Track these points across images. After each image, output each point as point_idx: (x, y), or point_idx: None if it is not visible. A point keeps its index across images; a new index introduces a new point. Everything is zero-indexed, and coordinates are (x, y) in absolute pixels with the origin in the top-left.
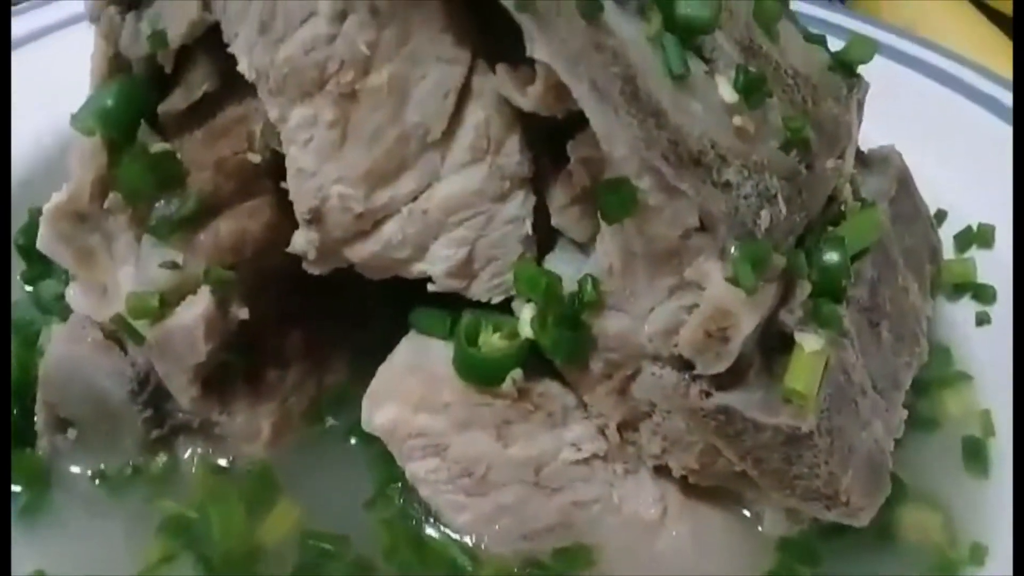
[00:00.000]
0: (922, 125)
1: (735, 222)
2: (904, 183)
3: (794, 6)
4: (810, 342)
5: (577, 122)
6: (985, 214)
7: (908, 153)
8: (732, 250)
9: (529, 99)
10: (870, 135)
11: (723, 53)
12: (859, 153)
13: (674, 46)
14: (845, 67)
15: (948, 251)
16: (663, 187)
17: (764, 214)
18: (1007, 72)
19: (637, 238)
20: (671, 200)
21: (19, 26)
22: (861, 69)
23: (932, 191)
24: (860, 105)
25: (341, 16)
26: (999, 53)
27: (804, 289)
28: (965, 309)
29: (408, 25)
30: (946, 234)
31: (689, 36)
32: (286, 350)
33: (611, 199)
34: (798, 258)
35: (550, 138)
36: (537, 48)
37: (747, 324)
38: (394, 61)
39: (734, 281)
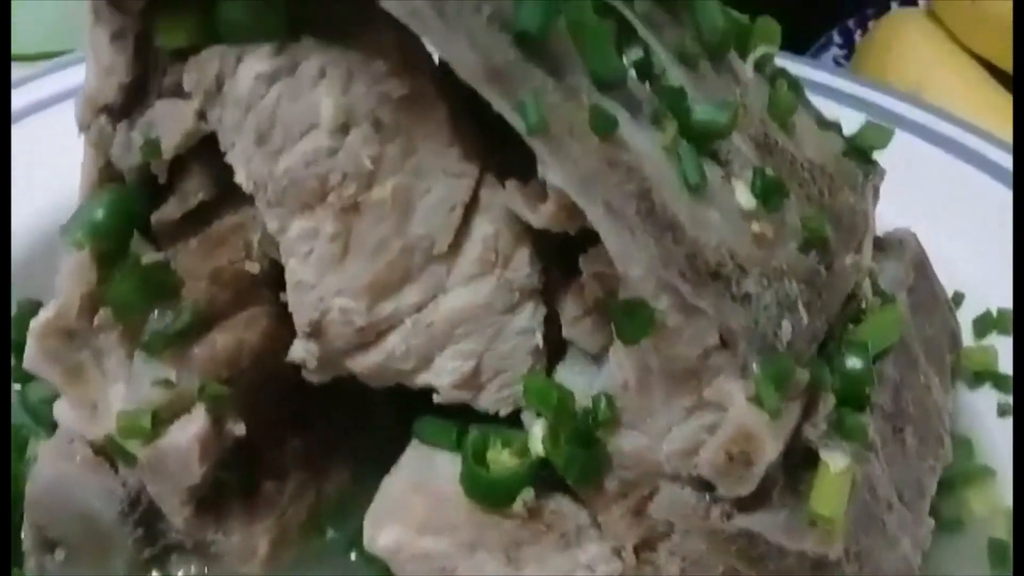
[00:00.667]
0: (934, 198)
1: (756, 336)
2: (921, 268)
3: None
4: (836, 460)
5: (589, 234)
6: (1004, 295)
7: (920, 228)
8: (754, 367)
9: (540, 217)
10: (880, 209)
11: (738, 154)
12: (874, 238)
13: (690, 155)
14: (860, 153)
15: (967, 335)
16: (681, 307)
17: (785, 324)
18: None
19: (654, 356)
20: (690, 320)
21: (20, 98)
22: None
23: (947, 270)
24: (876, 191)
25: (343, 129)
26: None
27: (828, 402)
28: (986, 398)
29: (413, 139)
30: (964, 318)
31: (705, 142)
32: (284, 459)
33: (627, 321)
34: (822, 370)
35: (561, 247)
36: (550, 172)
37: (772, 449)
38: (398, 174)
39: (757, 402)
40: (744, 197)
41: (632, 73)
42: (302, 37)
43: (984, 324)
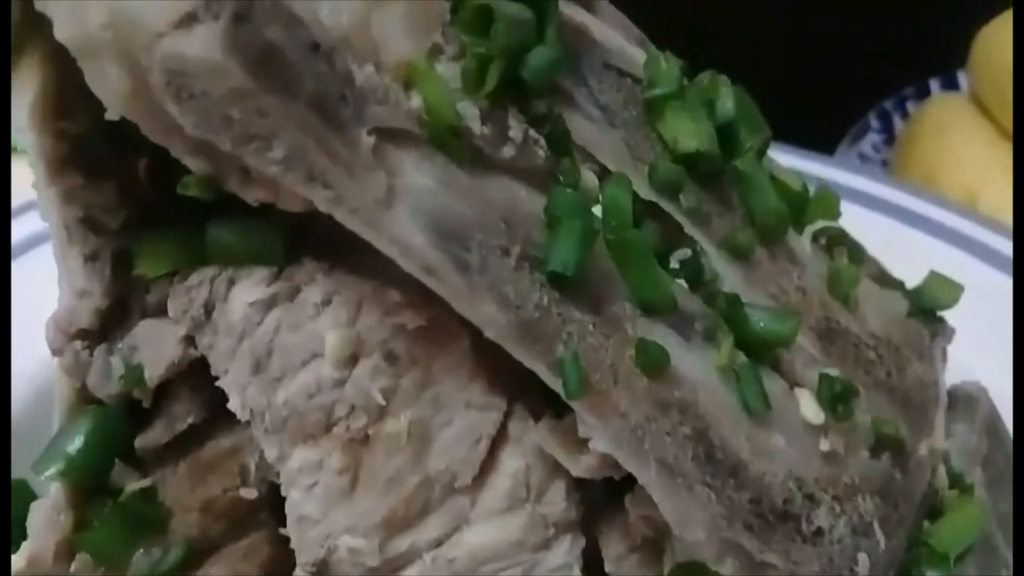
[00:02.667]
0: (993, 327)
1: None
2: (994, 432)
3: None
4: None
5: None
6: None
7: (981, 362)
8: None
9: (580, 468)
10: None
11: (800, 351)
12: None
13: (750, 375)
14: (926, 312)
15: None
16: (749, 565)
17: (862, 558)
18: None
19: None
20: None
21: (20, 229)
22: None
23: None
24: (944, 353)
25: (351, 361)
26: None
27: None
28: None
29: (431, 371)
30: None
31: (765, 354)
32: None
33: None
34: None
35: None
36: (595, 435)
37: None
38: (415, 407)
39: None
40: (811, 410)
41: (682, 283)
42: (303, 259)
43: None
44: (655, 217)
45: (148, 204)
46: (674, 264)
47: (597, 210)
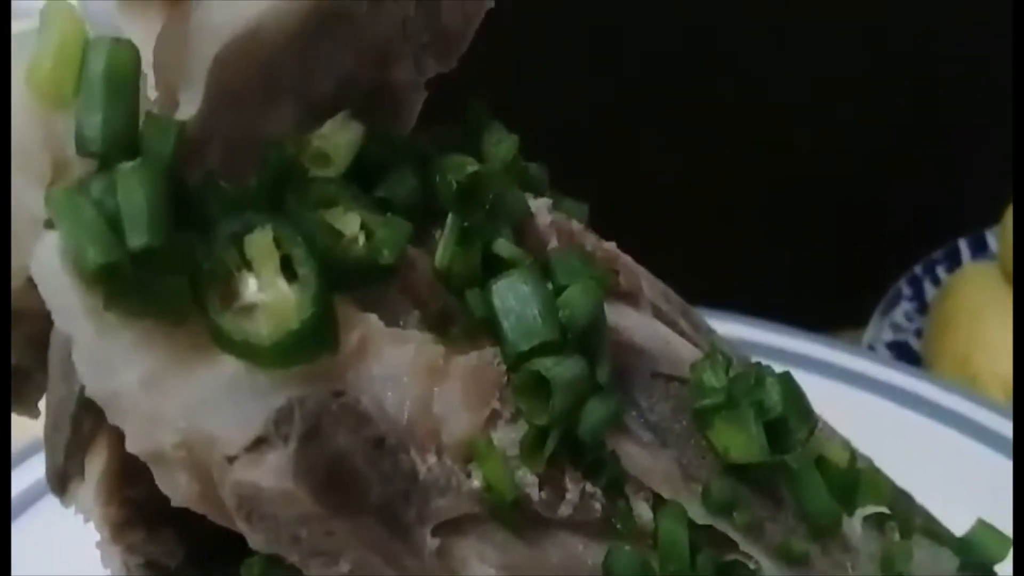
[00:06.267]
0: None
1: None
2: None
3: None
4: None
5: None
6: None
7: None
8: None
9: None
10: None
11: None
12: None
13: None
14: (975, 567)
15: None
16: None
17: None
18: None
19: None
20: None
21: (21, 479)
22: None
23: None
24: None
25: None
26: None
27: None
28: None
29: None
30: None
31: None
32: None
33: None
34: None
35: None
36: None
37: None
38: None
39: None
40: None
41: None
42: None
43: None
44: (711, 540)
45: (205, 540)
46: None
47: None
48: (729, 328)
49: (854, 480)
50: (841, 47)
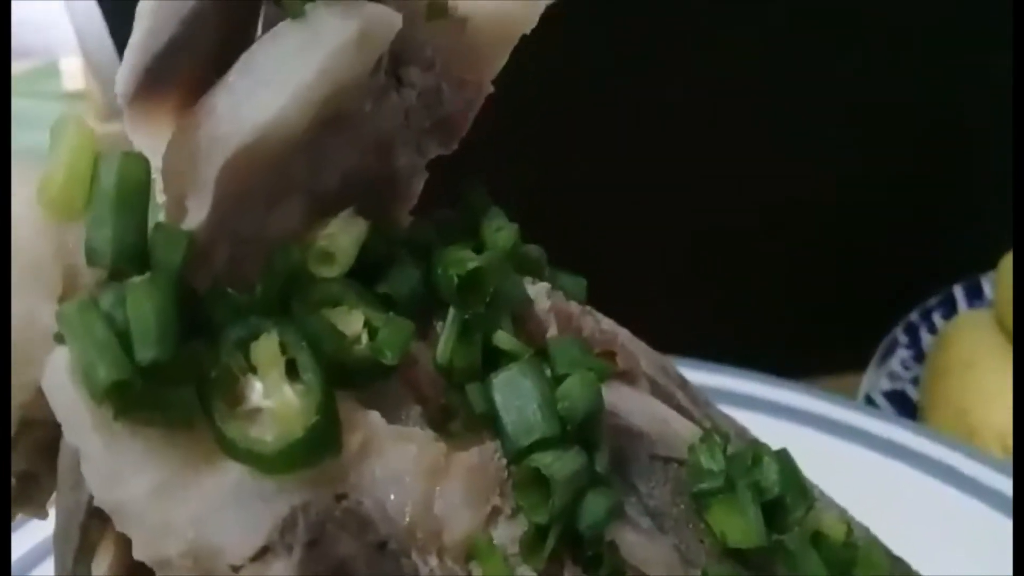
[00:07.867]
0: None
1: None
2: None
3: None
4: None
5: None
6: None
7: None
8: None
9: None
10: None
11: None
12: None
13: None
14: None
15: None
16: None
17: None
18: None
19: None
20: None
21: (20, 541)
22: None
23: None
24: None
25: None
26: None
27: None
28: None
29: None
30: None
31: None
32: None
33: None
34: None
35: None
36: None
37: None
38: None
39: None
40: None
41: None
42: None
43: None
44: None
45: None
46: None
47: None
48: (723, 381)
49: (851, 557)
50: (836, 94)
